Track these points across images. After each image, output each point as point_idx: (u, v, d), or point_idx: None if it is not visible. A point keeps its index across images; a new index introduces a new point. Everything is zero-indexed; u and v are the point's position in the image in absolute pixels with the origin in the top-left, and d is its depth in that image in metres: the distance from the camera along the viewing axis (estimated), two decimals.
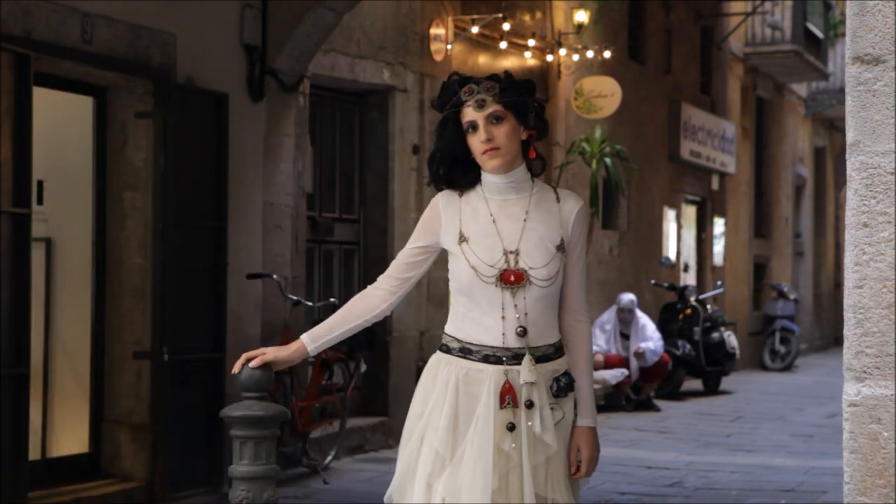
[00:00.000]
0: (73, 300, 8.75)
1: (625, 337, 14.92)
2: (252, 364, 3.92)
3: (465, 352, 3.79)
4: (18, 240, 7.41)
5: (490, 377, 3.75)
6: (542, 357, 3.78)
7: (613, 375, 14.50)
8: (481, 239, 3.80)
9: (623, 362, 14.67)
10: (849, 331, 2.99)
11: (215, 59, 9.12)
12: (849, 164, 3.00)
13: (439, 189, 3.92)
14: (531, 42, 13.69)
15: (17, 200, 7.38)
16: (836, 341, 26.24)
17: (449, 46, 12.15)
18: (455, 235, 3.83)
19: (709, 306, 17.39)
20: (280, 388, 9.02)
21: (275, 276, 9.45)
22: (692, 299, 16.84)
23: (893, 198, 2.95)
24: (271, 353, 3.93)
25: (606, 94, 14.66)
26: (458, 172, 3.86)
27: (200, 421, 8.83)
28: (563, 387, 3.78)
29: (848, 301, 3.00)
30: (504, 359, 3.76)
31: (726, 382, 17.43)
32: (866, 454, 2.95)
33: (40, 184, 8.34)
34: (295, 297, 9.58)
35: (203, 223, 9.00)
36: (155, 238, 8.53)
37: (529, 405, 3.73)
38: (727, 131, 20.06)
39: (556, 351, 3.82)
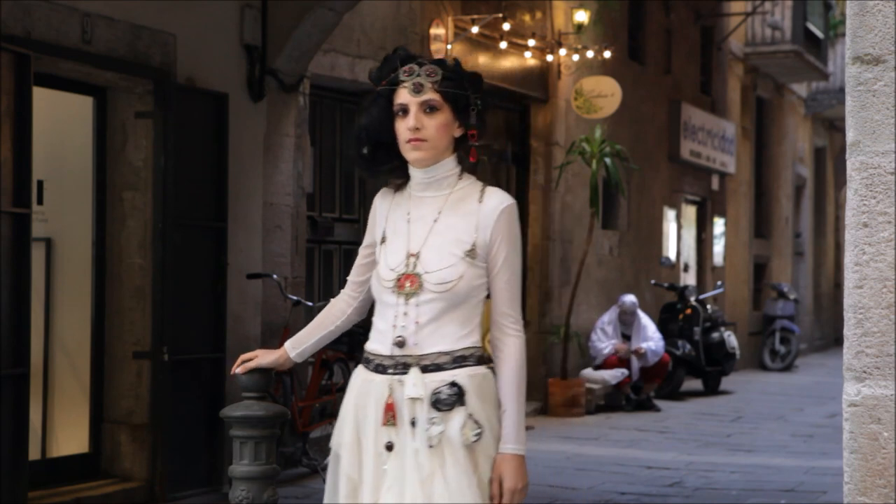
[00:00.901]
0: (73, 300, 8.75)
1: (626, 337, 14.94)
2: (238, 370, 3.92)
3: (366, 362, 3.56)
4: (18, 240, 7.40)
5: (376, 388, 3.49)
6: (431, 367, 3.46)
7: (613, 375, 14.51)
8: (394, 240, 3.56)
9: (623, 362, 14.68)
10: (849, 331, 2.99)
11: (215, 59, 9.12)
12: (849, 164, 3.00)
13: (362, 171, 3.67)
14: (531, 42, 13.69)
15: (17, 200, 7.38)
16: (836, 341, 26.24)
17: (449, 46, 12.15)
18: (380, 237, 3.61)
19: (709, 306, 17.39)
20: (280, 388, 9.02)
21: (275, 276, 9.45)
22: (692, 299, 16.84)
23: (893, 198, 2.95)
24: (261, 356, 3.91)
25: (606, 94, 14.66)
26: (382, 156, 3.56)
27: (200, 421, 8.83)
28: (444, 399, 3.42)
29: (848, 301, 3.00)
30: (389, 369, 3.49)
31: (726, 382, 17.43)
32: (866, 454, 2.95)
33: (40, 184, 8.34)
34: (295, 297, 9.58)
35: (203, 223, 9.00)
36: (155, 238, 8.53)
37: (414, 423, 3.44)
38: (727, 131, 20.06)
39: (453, 361, 3.48)
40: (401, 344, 3.47)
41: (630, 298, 15.04)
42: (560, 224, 14.67)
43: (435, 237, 3.50)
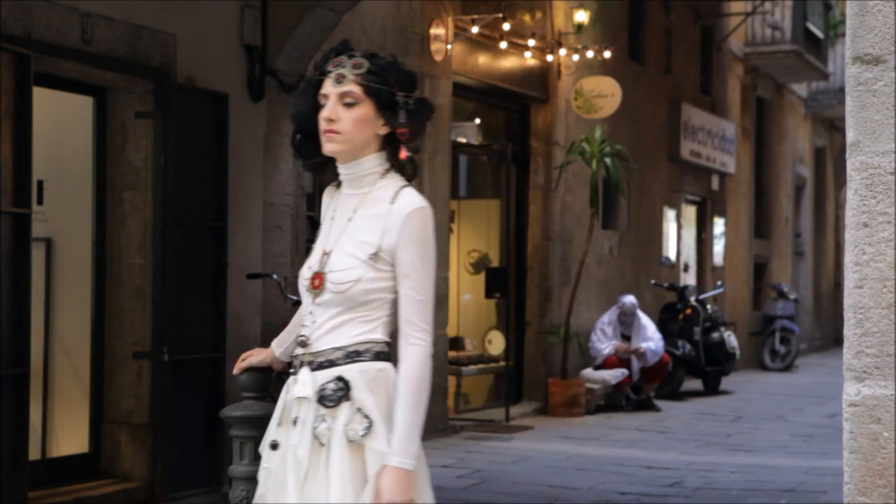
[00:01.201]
0: (73, 300, 8.75)
1: (626, 338, 14.94)
2: (234, 371, 3.94)
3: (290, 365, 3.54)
4: (18, 240, 7.40)
5: (285, 390, 3.49)
6: (325, 364, 3.38)
7: (613, 375, 14.51)
8: (320, 238, 3.51)
9: (623, 362, 14.68)
10: (849, 331, 2.99)
11: (215, 59, 9.12)
12: (849, 164, 3.01)
13: (300, 163, 3.64)
14: (531, 42, 13.68)
15: (17, 200, 7.38)
16: (836, 341, 26.24)
17: (449, 46, 12.15)
18: (317, 234, 3.57)
19: (709, 306, 17.39)
20: (280, 388, 9.01)
21: (275, 276, 9.45)
22: (692, 299, 16.84)
23: (893, 198, 2.96)
24: (254, 355, 3.92)
25: (606, 94, 14.66)
26: (309, 148, 3.49)
27: (200, 421, 8.83)
28: (329, 395, 3.33)
29: (848, 301, 3.01)
30: (292, 369, 3.46)
31: (726, 382, 17.44)
32: (866, 454, 2.95)
33: (40, 184, 8.34)
34: (295, 297, 9.56)
35: (203, 223, 9.00)
36: (155, 238, 8.53)
37: (295, 422, 3.39)
38: (727, 131, 20.06)
39: (346, 356, 3.36)
40: (303, 344, 3.42)
41: (630, 299, 15.04)
42: (560, 224, 14.67)
43: (345, 237, 3.42)
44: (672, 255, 18.71)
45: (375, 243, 3.36)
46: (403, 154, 3.44)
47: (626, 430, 12.99)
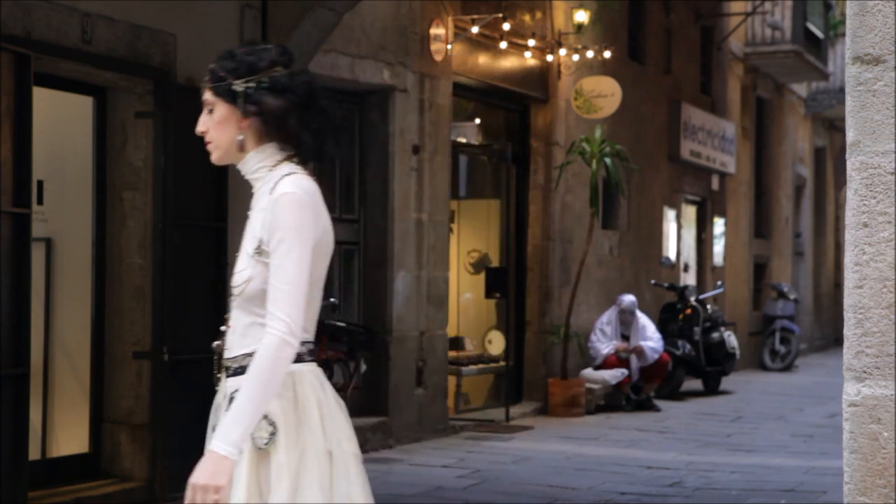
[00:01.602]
0: (73, 300, 8.75)
1: (625, 338, 14.94)
2: None
3: None
4: (18, 240, 7.40)
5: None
6: (238, 370, 3.35)
7: (613, 375, 14.51)
8: None
9: (623, 362, 14.68)
10: (849, 331, 2.99)
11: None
12: (849, 164, 3.01)
13: None
14: (531, 42, 13.69)
15: (17, 200, 7.38)
16: (836, 341, 26.23)
17: (449, 46, 12.15)
18: None
19: (709, 306, 17.38)
20: None
21: None
22: (692, 299, 16.84)
23: (893, 198, 2.96)
24: None
25: (606, 94, 14.66)
26: None
27: (200, 421, 8.78)
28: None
29: (848, 301, 3.01)
30: (218, 375, 3.47)
31: (726, 382, 17.44)
32: (866, 454, 2.95)
33: (40, 184, 8.34)
34: None
35: (203, 223, 8.99)
36: (155, 238, 8.53)
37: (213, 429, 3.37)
38: (727, 131, 20.06)
39: None
40: (219, 349, 3.42)
41: (629, 298, 15.04)
42: (560, 224, 14.67)
43: (245, 238, 3.39)
44: (672, 255, 18.71)
45: (258, 236, 3.31)
46: (242, 148, 3.42)
47: (626, 430, 12.99)
